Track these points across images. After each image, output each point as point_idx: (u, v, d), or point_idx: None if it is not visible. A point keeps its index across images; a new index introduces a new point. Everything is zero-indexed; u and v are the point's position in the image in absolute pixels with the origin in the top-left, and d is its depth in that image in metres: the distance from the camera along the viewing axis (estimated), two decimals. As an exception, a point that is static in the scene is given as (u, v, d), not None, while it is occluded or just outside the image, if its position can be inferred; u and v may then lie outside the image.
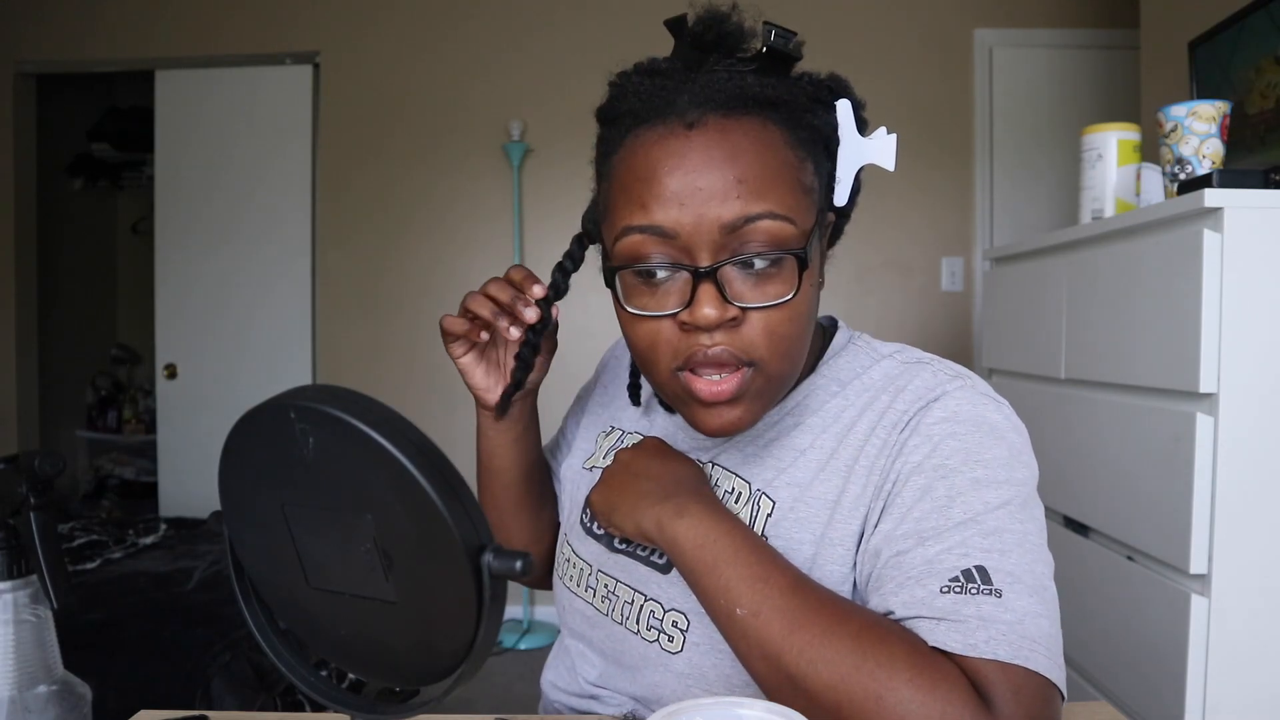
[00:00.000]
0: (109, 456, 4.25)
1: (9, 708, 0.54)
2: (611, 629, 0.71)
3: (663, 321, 0.60)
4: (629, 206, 0.59)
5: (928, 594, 0.54)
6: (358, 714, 0.48)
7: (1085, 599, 1.48)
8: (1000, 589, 0.53)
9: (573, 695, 0.77)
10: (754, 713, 0.49)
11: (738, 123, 0.58)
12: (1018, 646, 0.52)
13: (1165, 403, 1.27)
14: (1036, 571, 0.56)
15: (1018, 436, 0.61)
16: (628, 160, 0.60)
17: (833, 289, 0.71)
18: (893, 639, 0.53)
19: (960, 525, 0.56)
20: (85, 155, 4.15)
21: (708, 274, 0.57)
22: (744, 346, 0.58)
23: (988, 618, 0.53)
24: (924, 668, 0.51)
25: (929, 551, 0.56)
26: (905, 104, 3.10)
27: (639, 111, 0.60)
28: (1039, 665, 0.52)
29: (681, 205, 0.57)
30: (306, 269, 3.32)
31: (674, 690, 0.65)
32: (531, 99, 3.14)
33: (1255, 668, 1.17)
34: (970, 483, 0.57)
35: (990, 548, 0.55)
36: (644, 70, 0.62)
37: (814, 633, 0.53)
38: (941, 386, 0.62)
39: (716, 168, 0.57)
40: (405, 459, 0.39)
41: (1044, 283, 1.66)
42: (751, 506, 0.66)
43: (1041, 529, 0.59)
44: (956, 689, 0.50)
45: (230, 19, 3.28)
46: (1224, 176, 1.21)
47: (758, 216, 0.57)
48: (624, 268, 0.60)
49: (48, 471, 0.58)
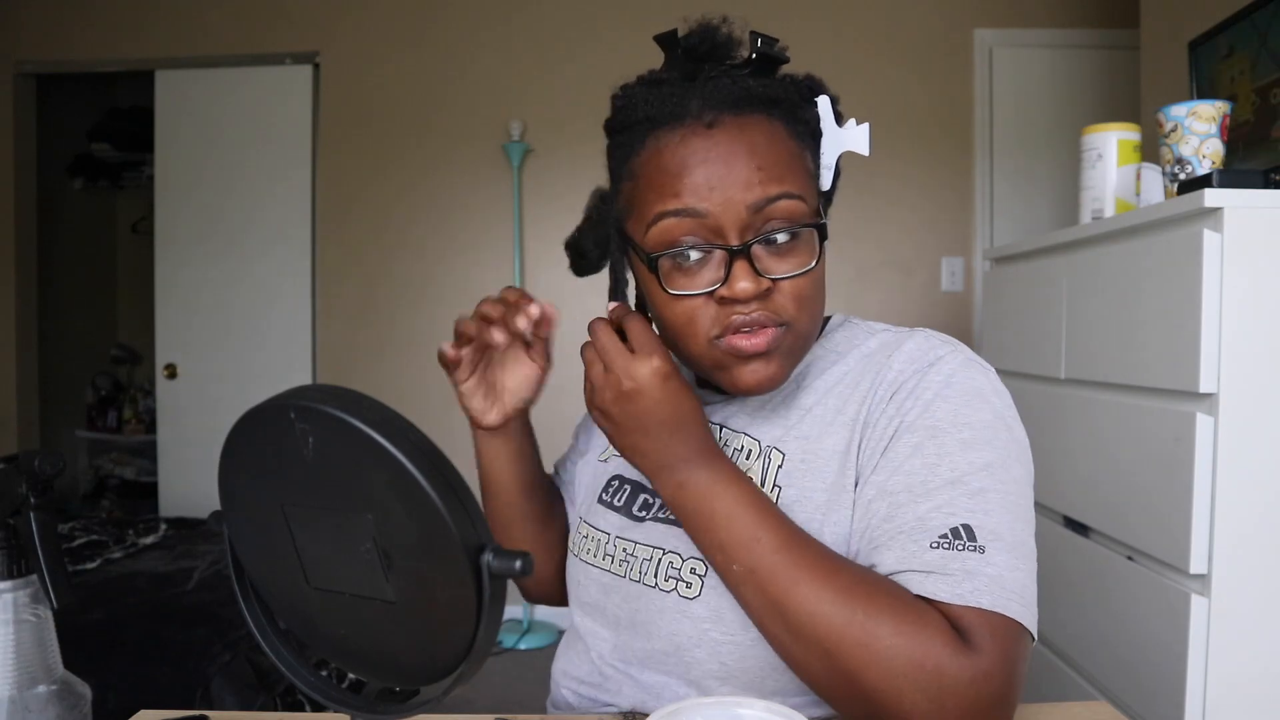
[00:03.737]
0: (109, 456, 4.25)
1: (9, 707, 0.54)
2: (628, 589, 0.73)
3: (699, 299, 0.66)
4: (661, 196, 0.66)
5: (919, 548, 0.60)
6: (358, 714, 0.48)
7: (1085, 599, 1.48)
8: (984, 545, 0.60)
9: (582, 682, 0.78)
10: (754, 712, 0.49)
11: (749, 119, 0.66)
12: (997, 596, 0.58)
13: (1165, 403, 1.27)
14: (1016, 529, 0.62)
15: (1001, 400, 0.67)
16: (654, 159, 0.67)
17: (833, 289, 0.74)
18: (879, 590, 0.59)
19: (948, 484, 0.62)
20: (85, 155, 4.15)
21: (741, 251, 0.64)
22: (776, 311, 0.65)
23: (972, 571, 0.59)
24: (908, 614, 0.57)
25: (920, 509, 0.62)
26: (905, 104, 3.10)
27: (655, 117, 0.67)
28: (1015, 613, 0.58)
29: (711, 190, 0.64)
30: (307, 269, 3.32)
31: (690, 636, 0.68)
32: (531, 99, 3.14)
33: (1255, 668, 1.17)
34: (958, 444, 0.63)
35: (975, 507, 0.61)
36: (647, 81, 0.69)
37: (806, 590, 0.59)
38: (935, 351, 0.68)
39: (739, 159, 0.64)
40: (405, 459, 0.39)
41: (1044, 283, 1.66)
42: (763, 460, 0.71)
43: (1023, 487, 0.65)
44: (939, 632, 0.57)
45: (230, 19, 3.28)
46: (1224, 176, 1.21)
47: (778, 197, 0.64)
48: (663, 254, 0.66)
49: (48, 471, 0.58)
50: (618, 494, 0.79)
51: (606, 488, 0.81)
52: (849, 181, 0.76)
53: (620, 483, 0.80)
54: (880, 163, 3.12)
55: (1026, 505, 0.64)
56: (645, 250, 0.67)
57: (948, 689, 0.55)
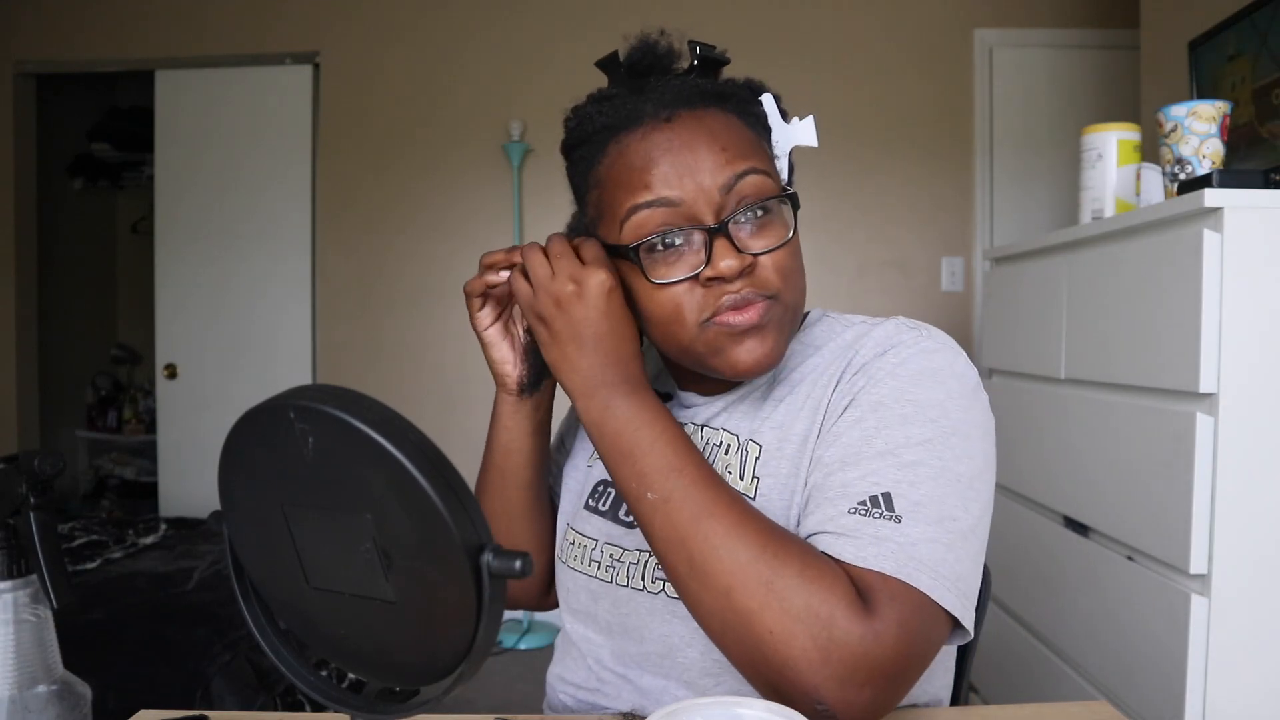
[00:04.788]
0: (109, 456, 4.25)
1: (9, 707, 0.54)
2: (616, 594, 0.73)
3: (683, 285, 0.65)
4: (631, 191, 0.66)
5: (836, 512, 0.61)
6: (358, 714, 0.48)
7: (1085, 599, 1.48)
8: (901, 515, 0.59)
9: (579, 688, 0.77)
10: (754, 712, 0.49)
11: (705, 112, 0.67)
12: (903, 563, 0.57)
13: (1165, 403, 1.27)
14: (947, 505, 0.60)
15: (958, 383, 0.66)
16: (618, 161, 0.67)
17: (833, 289, 0.75)
18: (790, 541, 0.59)
19: (879, 455, 0.62)
20: (85, 155, 4.15)
21: (719, 230, 0.64)
22: (762, 285, 0.65)
23: (882, 537, 0.58)
24: (813, 564, 0.57)
25: (847, 476, 0.62)
26: (905, 104, 3.10)
27: (613, 124, 0.68)
28: (922, 584, 0.57)
29: (680, 178, 0.65)
30: (306, 269, 3.32)
31: (682, 636, 0.68)
32: (531, 99, 3.14)
33: (1255, 668, 1.17)
34: (898, 418, 0.63)
35: (902, 479, 0.60)
36: (596, 98, 0.71)
37: (720, 524, 0.59)
38: (900, 335, 0.68)
39: (701, 144, 0.65)
40: (405, 459, 0.39)
41: (1044, 283, 1.66)
42: (741, 453, 0.71)
43: (966, 466, 0.63)
44: (839, 585, 0.56)
45: (230, 19, 3.28)
46: (1224, 176, 1.21)
47: (745, 173, 0.65)
48: (642, 243, 0.65)
49: (48, 471, 0.58)
50: (603, 499, 0.78)
51: (593, 493, 0.80)
52: (849, 181, 0.78)
53: (605, 487, 0.79)
54: (880, 163, 3.13)
55: (970, 486, 0.62)
56: (622, 246, 0.67)
57: (836, 641, 0.54)
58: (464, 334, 3.21)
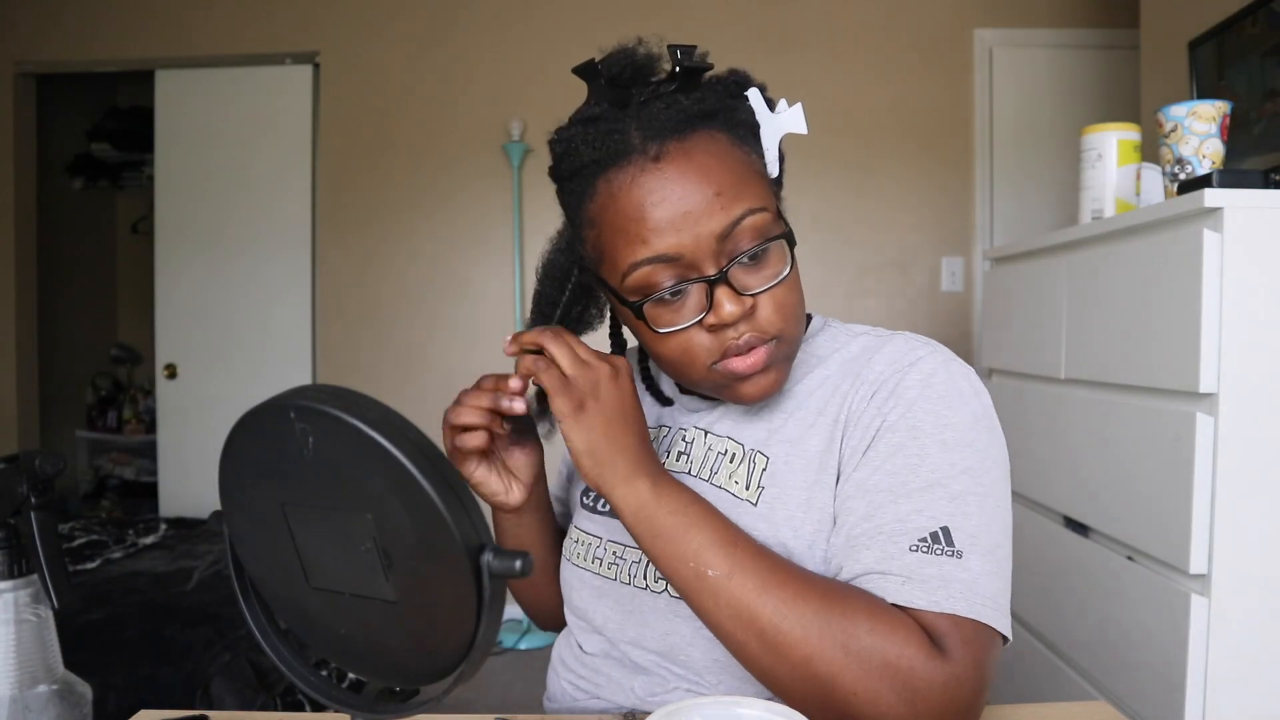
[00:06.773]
0: (109, 456, 4.25)
1: (9, 707, 0.54)
2: (619, 592, 0.74)
3: (690, 330, 0.66)
4: (629, 245, 0.65)
5: (898, 549, 0.61)
6: (358, 714, 0.48)
7: (1085, 599, 1.48)
8: (961, 550, 0.61)
9: (580, 677, 0.79)
10: (754, 712, 0.49)
11: (692, 141, 0.65)
12: (971, 602, 0.59)
13: (1165, 403, 1.27)
14: (993, 530, 0.63)
15: (979, 401, 0.68)
16: (610, 205, 0.65)
17: (833, 289, 0.75)
18: (853, 597, 0.60)
19: (928, 486, 0.63)
20: (85, 155, 4.15)
21: (719, 279, 0.64)
22: (763, 327, 0.66)
23: (948, 578, 0.60)
24: (882, 617, 0.58)
25: (900, 509, 0.63)
26: (906, 104, 3.10)
27: (600, 159, 0.65)
28: (987, 618, 0.60)
29: (678, 231, 0.63)
30: (306, 269, 3.32)
31: (684, 635, 0.69)
32: (531, 99, 3.14)
33: (1255, 668, 1.17)
34: (939, 445, 0.64)
35: (955, 511, 0.62)
36: (580, 121, 0.68)
37: (785, 593, 0.59)
38: (915, 352, 0.69)
39: (694, 188, 0.63)
40: (405, 459, 0.39)
41: (1044, 283, 1.66)
42: (748, 464, 0.72)
43: (1001, 488, 0.66)
44: (912, 636, 0.58)
45: (230, 19, 3.28)
46: (1224, 176, 1.21)
47: (741, 216, 0.64)
48: (645, 300, 0.66)
49: (48, 471, 0.58)
50: (601, 498, 0.79)
51: (588, 491, 0.82)
52: (849, 182, 0.77)
53: None
54: (880, 163, 3.13)
55: (1004, 508, 0.65)
56: (626, 298, 0.67)
57: (920, 692, 0.56)
58: (464, 334, 3.22)
